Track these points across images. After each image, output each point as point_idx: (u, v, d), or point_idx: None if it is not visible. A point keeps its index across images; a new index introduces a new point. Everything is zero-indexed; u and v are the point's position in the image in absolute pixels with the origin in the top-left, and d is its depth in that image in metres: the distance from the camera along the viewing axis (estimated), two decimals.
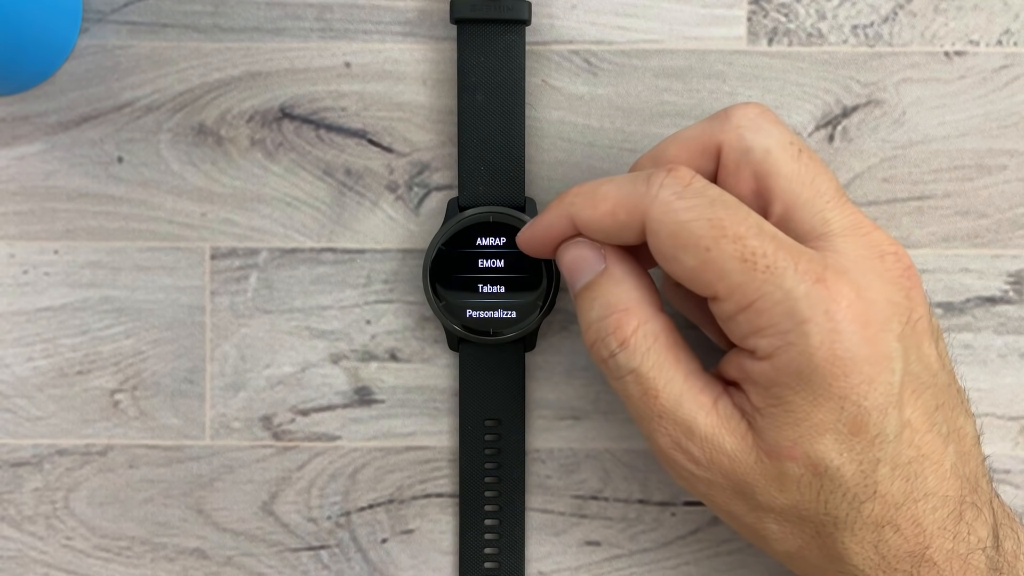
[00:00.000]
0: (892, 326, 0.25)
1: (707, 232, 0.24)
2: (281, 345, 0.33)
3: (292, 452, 0.33)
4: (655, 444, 0.27)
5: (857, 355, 0.24)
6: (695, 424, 0.26)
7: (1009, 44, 0.33)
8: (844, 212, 0.26)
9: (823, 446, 0.24)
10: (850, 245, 0.25)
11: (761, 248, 0.24)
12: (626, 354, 0.26)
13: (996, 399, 0.33)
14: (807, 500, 0.25)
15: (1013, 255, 0.33)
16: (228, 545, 0.33)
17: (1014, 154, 0.33)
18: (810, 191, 0.26)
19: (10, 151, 0.33)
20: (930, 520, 0.25)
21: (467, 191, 0.32)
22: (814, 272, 0.24)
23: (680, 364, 0.26)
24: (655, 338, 0.26)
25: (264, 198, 0.33)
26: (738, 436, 0.25)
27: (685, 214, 0.25)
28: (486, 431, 0.32)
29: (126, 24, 0.33)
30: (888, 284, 0.25)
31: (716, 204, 0.25)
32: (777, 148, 0.26)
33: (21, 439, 0.33)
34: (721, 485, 0.26)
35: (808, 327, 0.24)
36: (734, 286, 0.24)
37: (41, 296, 0.33)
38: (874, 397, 0.24)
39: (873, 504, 0.25)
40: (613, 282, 0.27)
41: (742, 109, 0.27)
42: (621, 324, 0.26)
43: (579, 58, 0.33)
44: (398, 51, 0.33)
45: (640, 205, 0.26)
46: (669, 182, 0.25)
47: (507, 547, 0.33)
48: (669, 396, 0.26)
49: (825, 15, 0.33)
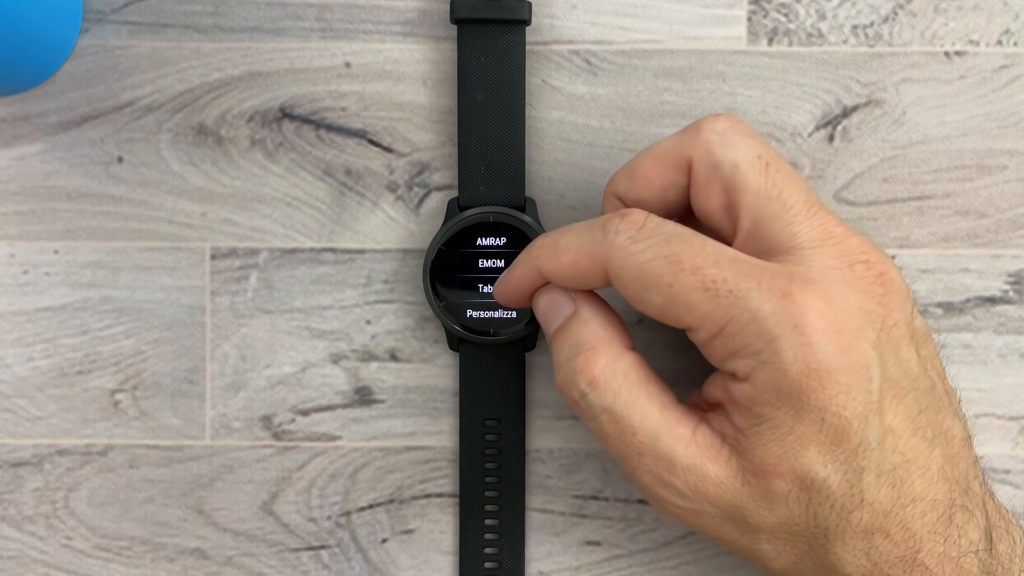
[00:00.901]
0: (866, 334, 0.25)
1: (666, 269, 0.25)
2: (281, 345, 0.33)
3: (292, 452, 0.33)
4: (638, 482, 0.27)
5: (832, 365, 0.24)
6: (676, 457, 0.26)
7: (1009, 44, 0.33)
8: (814, 223, 0.26)
9: (808, 459, 0.25)
10: (818, 256, 0.25)
11: (720, 275, 0.25)
12: (596, 393, 0.26)
13: (996, 399, 0.33)
14: (796, 515, 0.25)
15: (1013, 255, 0.33)
16: (228, 545, 0.33)
17: (1014, 154, 0.33)
18: (777, 205, 0.26)
19: (10, 151, 0.33)
20: (919, 524, 0.25)
21: (467, 191, 0.32)
22: (779, 288, 0.24)
23: (654, 399, 0.26)
24: (625, 375, 0.26)
25: (264, 198, 0.33)
26: (721, 462, 0.26)
27: (642, 255, 0.25)
28: (486, 431, 0.32)
29: (126, 24, 0.33)
30: (859, 292, 0.25)
31: (671, 240, 0.25)
32: (744, 163, 0.26)
33: (21, 439, 0.33)
34: (710, 514, 0.26)
35: (779, 344, 0.24)
36: (702, 315, 0.25)
37: (41, 296, 0.33)
38: (853, 406, 0.24)
39: (861, 513, 0.25)
40: (581, 323, 0.27)
41: (712, 122, 0.27)
42: (588, 362, 0.26)
43: (579, 58, 0.33)
44: (398, 51, 0.33)
45: (600, 253, 0.26)
46: (623, 227, 0.26)
47: (507, 547, 0.33)
48: (646, 432, 0.26)
49: (825, 15, 0.33)
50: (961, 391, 0.33)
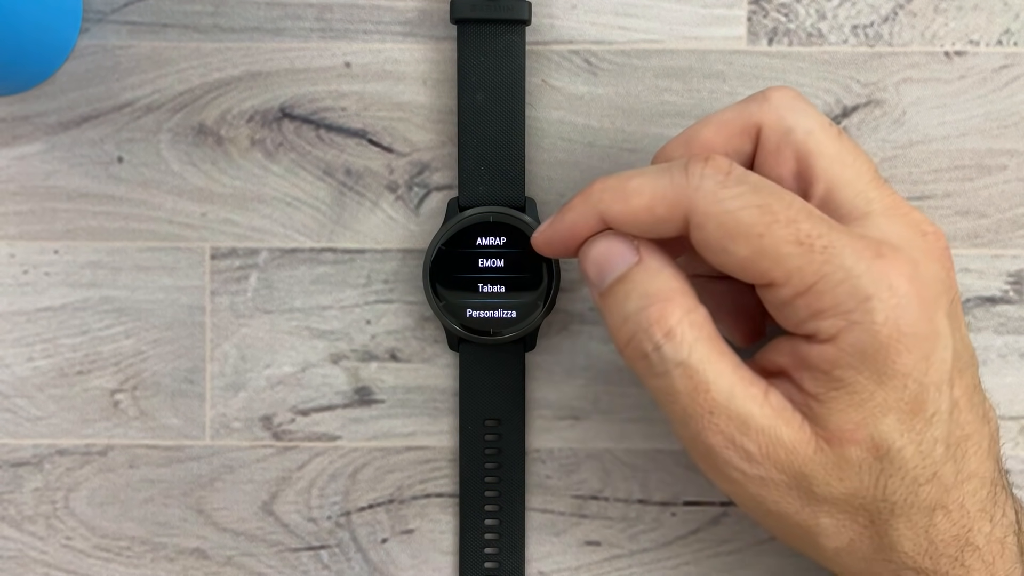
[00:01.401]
0: (942, 303, 0.24)
1: (758, 219, 0.24)
2: (281, 345, 0.33)
3: (292, 452, 0.33)
4: (703, 444, 0.25)
5: (918, 331, 0.24)
6: (751, 417, 0.24)
7: (1009, 44, 0.33)
8: (883, 192, 0.26)
9: (886, 426, 0.24)
10: (893, 224, 0.25)
11: (816, 230, 0.24)
12: (672, 345, 0.25)
13: (996, 399, 0.33)
14: (866, 486, 0.25)
15: (1013, 255, 0.33)
16: (228, 545, 0.33)
17: (1014, 154, 0.33)
18: (852, 172, 0.26)
19: (10, 151, 0.33)
20: (972, 502, 0.25)
21: (467, 191, 0.32)
22: (871, 248, 0.24)
23: (726, 356, 0.25)
24: (700, 328, 0.25)
25: (264, 198, 0.33)
26: (795, 426, 0.25)
27: (732, 203, 0.24)
28: (486, 431, 0.32)
29: (126, 24, 0.33)
30: (933, 262, 0.25)
31: (761, 190, 0.24)
32: (818, 129, 0.26)
33: (21, 439, 0.33)
34: (775, 481, 0.25)
35: (873, 304, 0.23)
36: (792, 270, 0.24)
37: (41, 296, 0.33)
38: (932, 374, 0.24)
39: (930, 487, 0.24)
40: (650, 272, 0.25)
41: (779, 92, 0.26)
42: (665, 313, 0.25)
43: (579, 58, 0.33)
44: (398, 51, 0.33)
45: (681, 198, 0.24)
46: (710, 172, 0.24)
47: (507, 547, 0.33)
48: (720, 389, 0.25)
49: (825, 15, 0.33)
50: None
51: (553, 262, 0.31)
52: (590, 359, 0.33)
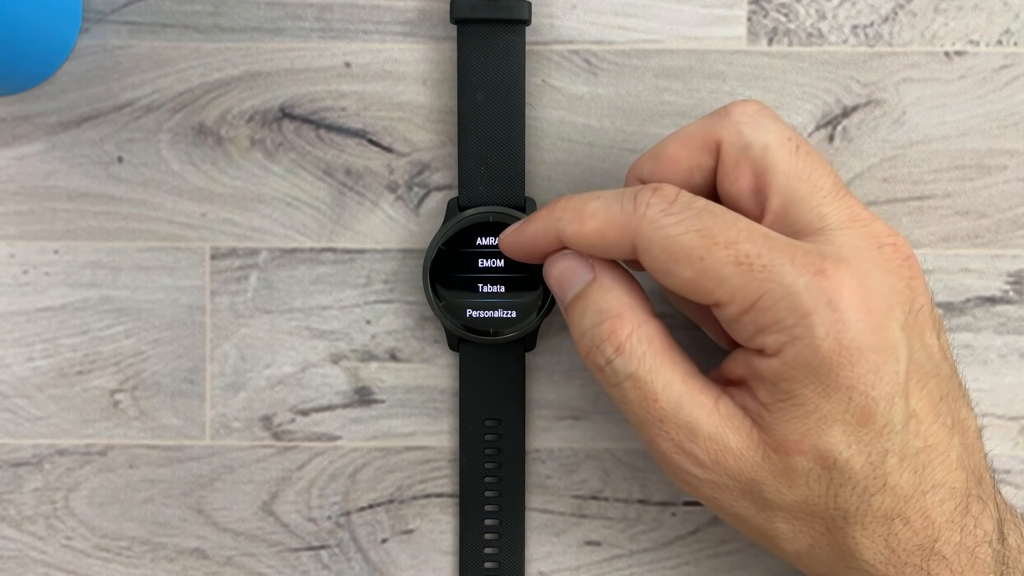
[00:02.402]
0: (895, 314, 0.25)
1: (698, 243, 0.25)
2: (281, 345, 0.33)
3: (292, 452, 0.33)
4: (657, 449, 0.27)
5: (863, 344, 0.24)
6: (697, 425, 0.26)
7: (1009, 44, 0.33)
8: (842, 205, 0.26)
9: (832, 438, 0.24)
10: (848, 237, 0.25)
11: (755, 250, 0.24)
12: (622, 359, 0.26)
13: (996, 399, 0.33)
14: (816, 495, 0.25)
15: (1013, 255, 0.33)
16: (228, 545, 0.33)
17: (1014, 154, 0.33)
18: (807, 186, 0.26)
19: (10, 151, 0.33)
20: (938, 512, 0.25)
21: (467, 191, 0.32)
22: (813, 264, 0.24)
23: (677, 366, 0.26)
24: (649, 342, 0.26)
25: (264, 198, 0.33)
26: (743, 434, 0.25)
27: (674, 228, 0.25)
28: (486, 431, 0.32)
29: (126, 24, 0.33)
30: (888, 273, 0.25)
31: (703, 214, 0.25)
32: (775, 144, 0.26)
33: (21, 439, 0.33)
34: (727, 486, 0.26)
35: (812, 319, 0.24)
36: (734, 290, 0.25)
37: (41, 296, 0.33)
38: (881, 386, 0.24)
39: (883, 496, 0.25)
40: (603, 289, 0.27)
41: (741, 106, 0.27)
42: (615, 329, 0.26)
43: (579, 58, 0.33)
44: (398, 51, 0.33)
45: (629, 225, 0.26)
46: (655, 200, 0.26)
47: (507, 547, 0.33)
48: (669, 399, 0.26)
49: (825, 15, 0.33)
50: None
51: None
52: None
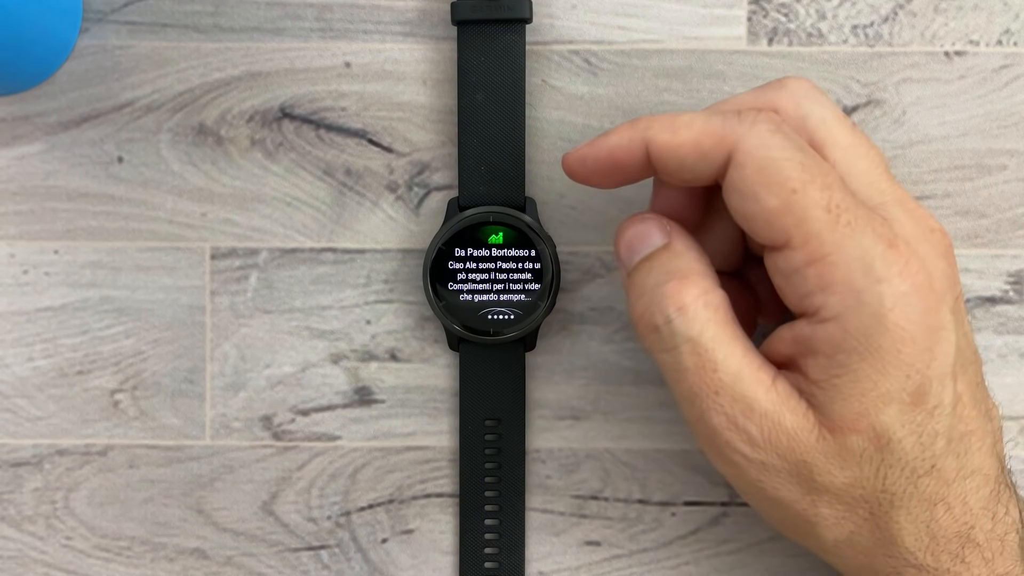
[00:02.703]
0: (947, 299, 0.25)
1: (798, 174, 0.24)
2: (281, 345, 0.33)
3: (292, 452, 0.33)
4: (707, 424, 0.25)
5: (923, 323, 0.24)
6: (755, 400, 0.25)
7: (1009, 44, 0.33)
8: (894, 186, 0.26)
9: (888, 417, 0.24)
10: (904, 217, 0.25)
11: (846, 203, 0.24)
12: (684, 320, 0.25)
13: (997, 399, 0.33)
14: (866, 476, 0.25)
15: (1013, 255, 0.33)
16: (228, 545, 0.33)
17: (1014, 154, 0.33)
18: (865, 162, 0.26)
19: (10, 151, 0.33)
20: (975, 499, 0.25)
21: (467, 191, 0.32)
22: (887, 236, 0.24)
23: (738, 340, 0.25)
24: (715, 309, 0.25)
25: (264, 198, 0.33)
26: (799, 414, 0.25)
27: (779, 151, 0.24)
28: (486, 431, 0.32)
29: (126, 24, 0.33)
30: (940, 258, 0.25)
31: (806, 151, 0.25)
32: (832, 119, 0.26)
33: (21, 439, 0.33)
34: (776, 468, 0.25)
35: (883, 287, 0.23)
36: (812, 234, 0.24)
37: (41, 296, 0.33)
38: (936, 366, 0.24)
39: (929, 479, 0.25)
40: (674, 254, 0.26)
41: (796, 80, 0.27)
42: (680, 289, 0.25)
43: (579, 58, 0.33)
44: (398, 51, 0.33)
45: (730, 135, 0.25)
46: (763, 119, 0.25)
47: (507, 547, 0.33)
48: (728, 370, 0.25)
49: (825, 15, 0.33)
50: None
51: (553, 262, 0.31)
52: (590, 359, 0.33)
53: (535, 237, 0.31)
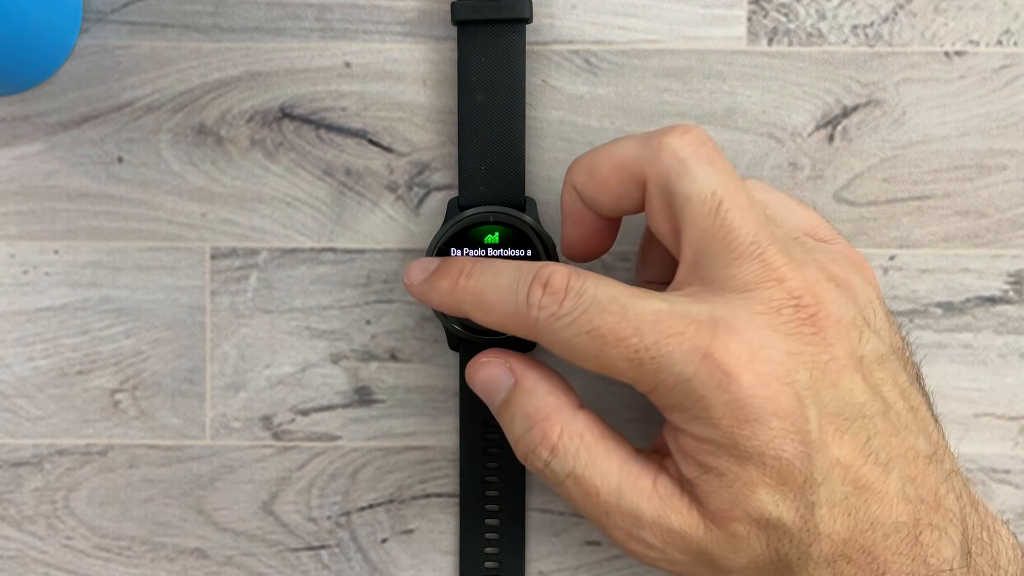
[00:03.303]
0: (796, 376, 0.25)
1: (589, 344, 0.25)
2: (281, 345, 0.33)
3: (292, 452, 0.33)
4: (612, 539, 0.27)
5: (761, 414, 0.24)
6: (640, 511, 0.26)
7: (1009, 44, 0.33)
8: (755, 265, 0.25)
9: (758, 500, 0.25)
10: (747, 302, 0.25)
11: (643, 343, 0.25)
12: (558, 461, 0.27)
13: (996, 399, 0.33)
14: (760, 553, 0.25)
15: (1013, 255, 0.33)
16: (228, 545, 0.33)
17: (1014, 154, 0.33)
18: (719, 245, 0.26)
19: (10, 151, 0.33)
20: (882, 548, 0.25)
21: (467, 191, 0.32)
22: (700, 348, 0.25)
23: (612, 455, 0.27)
24: (581, 437, 0.27)
25: (264, 198, 0.33)
26: (683, 511, 0.26)
27: (565, 332, 0.26)
28: (486, 431, 0.32)
29: (126, 24, 0.33)
30: (786, 337, 0.25)
31: (591, 312, 0.25)
32: (696, 199, 0.26)
33: (21, 439, 0.33)
34: (681, 560, 0.26)
35: (707, 402, 0.24)
36: (633, 379, 0.26)
37: (41, 296, 0.33)
38: (791, 447, 0.24)
39: (820, 544, 0.25)
40: (526, 393, 0.28)
41: (677, 141, 0.26)
42: (545, 432, 0.27)
43: (579, 58, 0.33)
44: (398, 51, 0.33)
45: (525, 325, 0.26)
46: (546, 302, 0.26)
47: (507, 547, 0.33)
48: (608, 491, 0.26)
49: (825, 15, 0.33)
50: (961, 391, 0.33)
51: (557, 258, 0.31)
52: None
53: (535, 237, 0.31)
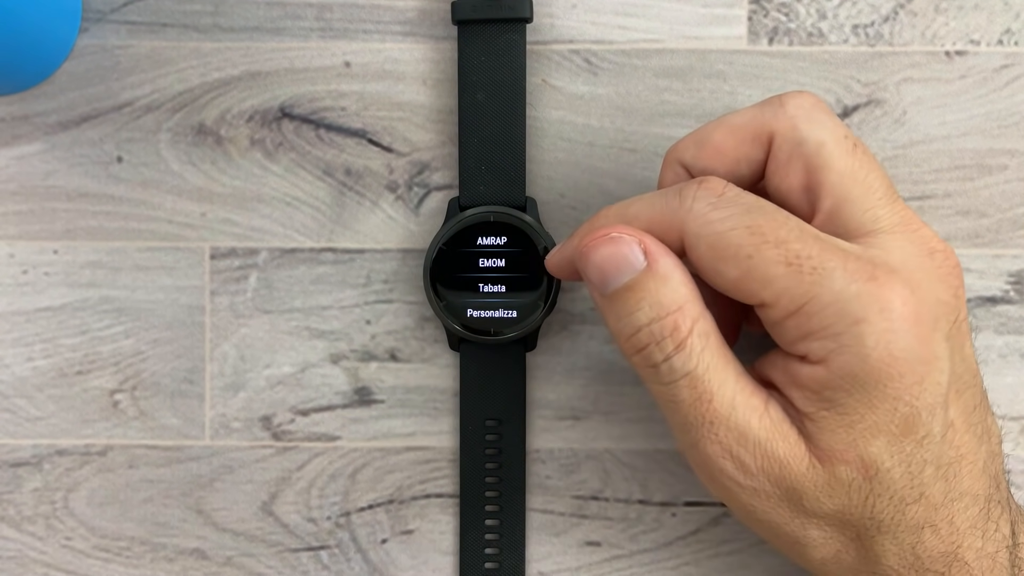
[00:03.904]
0: (941, 326, 0.24)
1: (747, 240, 0.24)
2: (281, 345, 0.33)
3: (292, 452, 0.33)
4: (701, 452, 0.25)
5: (911, 355, 0.24)
6: (749, 429, 0.25)
7: (1010, 44, 0.33)
8: (894, 209, 0.26)
9: (876, 448, 0.24)
10: (900, 242, 0.25)
11: (805, 251, 0.24)
12: (682, 357, 0.25)
13: (997, 399, 0.33)
14: (854, 504, 0.25)
15: (1014, 255, 0.33)
16: (228, 545, 0.33)
17: (1015, 154, 0.33)
18: (861, 188, 0.25)
19: (10, 151, 0.33)
20: (963, 519, 0.25)
21: (468, 190, 0.32)
22: (865, 271, 0.24)
23: (730, 365, 0.25)
24: (707, 337, 0.25)
25: (264, 198, 0.33)
26: (791, 442, 0.25)
27: (722, 224, 0.24)
28: (486, 431, 0.32)
29: (126, 24, 0.33)
30: (937, 282, 0.25)
31: (753, 211, 0.24)
32: (831, 142, 0.25)
33: (21, 439, 0.33)
34: (767, 493, 0.25)
35: (862, 328, 0.23)
36: (780, 291, 0.24)
37: (41, 296, 0.33)
38: (925, 397, 0.24)
39: (917, 507, 0.25)
40: (659, 279, 0.25)
41: (797, 98, 0.26)
42: (679, 325, 0.25)
43: (579, 58, 0.33)
44: (398, 51, 0.33)
45: (675, 221, 0.25)
46: (702, 194, 0.25)
47: (507, 547, 0.32)
48: (723, 400, 0.25)
49: (826, 15, 0.33)
50: None
51: None
52: (590, 359, 0.33)
53: (536, 237, 0.31)
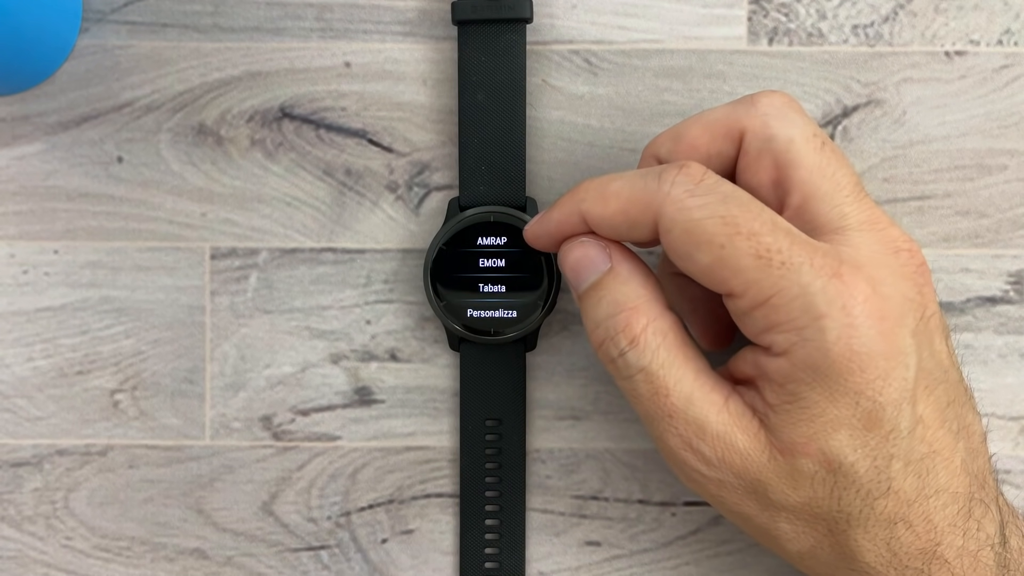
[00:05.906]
0: (907, 322, 0.25)
1: (720, 229, 0.24)
2: (281, 345, 0.33)
3: (292, 452, 0.33)
4: (665, 445, 0.26)
5: (873, 350, 0.24)
6: (706, 422, 0.26)
7: (1010, 44, 0.33)
8: (862, 207, 0.26)
9: (838, 442, 0.24)
10: (866, 240, 0.25)
11: (776, 244, 0.24)
12: (636, 352, 0.26)
13: (996, 399, 0.33)
14: (820, 497, 0.25)
15: (1014, 255, 0.33)
16: (228, 545, 0.33)
17: (1014, 154, 0.33)
18: (830, 184, 0.26)
19: (10, 151, 0.33)
20: (941, 516, 0.25)
21: (468, 191, 0.32)
22: (830, 267, 0.24)
23: (689, 362, 0.26)
24: (664, 336, 0.26)
25: (264, 198, 0.33)
26: (750, 434, 0.25)
27: (698, 212, 0.25)
28: (487, 431, 0.32)
29: (126, 24, 0.33)
30: (902, 280, 0.25)
31: (729, 201, 0.25)
32: (800, 139, 0.26)
33: (21, 439, 0.33)
34: (732, 485, 0.26)
35: (825, 322, 0.24)
36: (750, 282, 0.24)
37: (41, 296, 0.33)
38: (889, 392, 0.24)
39: (886, 501, 0.25)
40: (620, 280, 0.27)
41: (768, 96, 0.27)
42: (630, 322, 0.26)
43: (579, 58, 0.33)
44: (398, 51, 0.33)
45: (652, 203, 0.25)
46: (681, 179, 0.25)
47: (507, 547, 0.33)
48: (680, 394, 0.26)
49: (825, 15, 0.33)
50: None
51: (554, 262, 0.31)
52: (590, 359, 0.33)
53: None
